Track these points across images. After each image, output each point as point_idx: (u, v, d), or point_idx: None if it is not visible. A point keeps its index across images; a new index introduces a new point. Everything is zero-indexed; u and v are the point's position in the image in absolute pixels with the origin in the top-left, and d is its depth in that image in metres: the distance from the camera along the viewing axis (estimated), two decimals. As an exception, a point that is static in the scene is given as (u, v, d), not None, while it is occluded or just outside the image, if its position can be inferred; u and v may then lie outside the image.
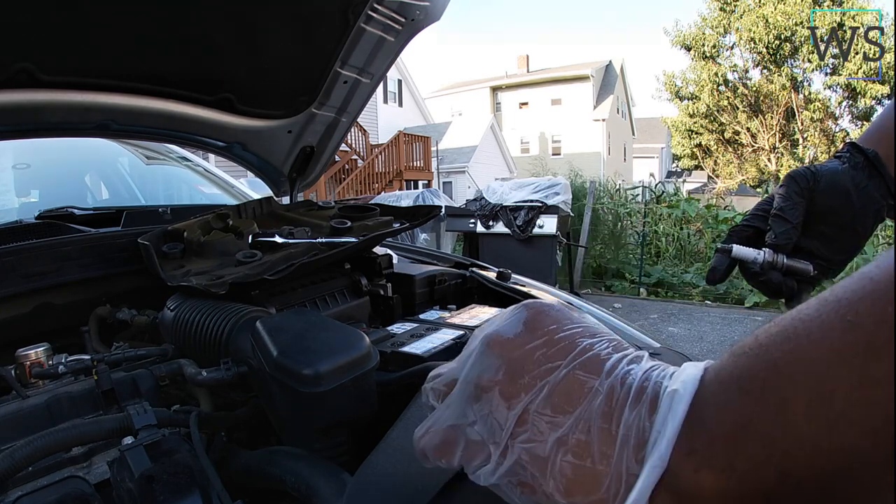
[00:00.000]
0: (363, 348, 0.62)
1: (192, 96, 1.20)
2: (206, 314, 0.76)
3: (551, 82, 26.62)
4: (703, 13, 16.54)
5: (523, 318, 0.30)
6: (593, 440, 0.24)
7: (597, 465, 0.24)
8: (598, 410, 0.25)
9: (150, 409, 0.59)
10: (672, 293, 5.80)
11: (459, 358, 0.32)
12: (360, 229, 1.04)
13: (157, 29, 1.00)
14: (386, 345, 0.80)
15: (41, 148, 1.66)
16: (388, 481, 0.45)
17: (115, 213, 1.24)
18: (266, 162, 1.49)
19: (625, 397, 0.24)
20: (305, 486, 0.52)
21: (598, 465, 0.24)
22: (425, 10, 1.18)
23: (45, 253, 0.92)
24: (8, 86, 0.93)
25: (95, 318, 0.93)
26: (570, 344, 0.28)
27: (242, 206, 1.16)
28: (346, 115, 1.40)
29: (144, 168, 2.00)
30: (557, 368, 0.27)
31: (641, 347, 0.89)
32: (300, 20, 1.12)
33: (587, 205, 6.28)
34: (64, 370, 0.72)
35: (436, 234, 6.29)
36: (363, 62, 1.26)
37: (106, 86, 1.07)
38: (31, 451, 0.51)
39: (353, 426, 0.63)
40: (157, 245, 0.96)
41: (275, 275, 0.83)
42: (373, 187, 13.19)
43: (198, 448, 0.54)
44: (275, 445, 0.62)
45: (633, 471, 0.23)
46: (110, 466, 0.55)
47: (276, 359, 0.60)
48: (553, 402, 0.26)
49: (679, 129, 18.49)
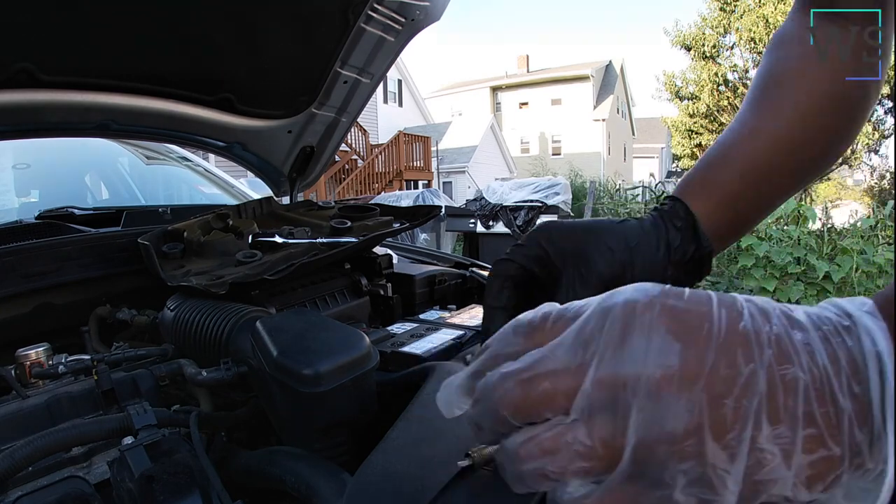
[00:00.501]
0: (363, 348, 0.62)
1: (192, 96, 1.20)
2: (206, 314, 0.76)
3: (551, 82, 26.62)
4: (703, 13, 16.54)
5: (663, 335, 0.22)
6: (822, 430, 0.22)
7: (832, 450, 0.22)
8: (813, 398, 0.22)
9: (150, 409, 0.59)
10: (672, 293, 5.80)
11: (593, 423, 0.23)
12: (360, 229, 1.04)
13: (157, 29, 1.00)
14: (386, 345, 0.80)
15: (41, 148, 1.66)
16: (388, 481, 0.45)
17: (115, 213, 1.24)
18: (266, 162, 1.49)
19: (826, 374, 0.22)
20: (305, 486, 0.52)
21: (833, 450, 0.22)
22: (425, 10, 1.18)
23: (45, 253, 0.92)
24: (8, 86, 0.93)
25: (95, 318, 0.93)
26: (733, 332, 0.22)
27: (242, 206, 1.16)
28: (346, 115, 1.40)
29: (144, 168, 2.00)
30: (753, 374, 0.22)
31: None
32: (300, 20, 1.12)
33: (587, 205, 6.29)
34: (64, 370, 0.72)
35: (436, 234, 6.29)
36: (363, 62, 1.26)
37: (106, 86, 1.07)
38: (31, 451, 0.51)
39: (353, 426, 0.62)
40: (157, 245, 0.96)
41: (275, 275, 0.83)
42: (373, 187, 13.19)
43: (198, 448, 0.54)
44: (275, 445, 0.62)
45: (858, 438, 0.21)
46: (110, 466, 0.55)
47: (276, 359, 0.60)
48: (769, 415, 0.22)
49: (679, 129, 18.49)
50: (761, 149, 0.49)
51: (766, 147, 0.49)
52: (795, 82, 0.50)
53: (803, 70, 0.50)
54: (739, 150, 0.49)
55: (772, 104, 0.50)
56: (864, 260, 5.06)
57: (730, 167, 0.49)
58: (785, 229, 5.41)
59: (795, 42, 0.52)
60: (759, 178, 0.49)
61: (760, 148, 0.49)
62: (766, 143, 0.49)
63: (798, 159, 0.50)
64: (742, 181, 0.49)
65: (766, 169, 0.49)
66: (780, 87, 0.50)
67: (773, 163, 0.49)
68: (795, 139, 0.49)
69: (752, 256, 5.16)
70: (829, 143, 0.51)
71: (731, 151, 0.50)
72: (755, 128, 0.50)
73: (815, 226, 5.48)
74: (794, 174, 0.51)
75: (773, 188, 0.51)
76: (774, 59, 0.53)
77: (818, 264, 4.94)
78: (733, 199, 0.49)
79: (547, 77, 27.06)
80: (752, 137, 0.49)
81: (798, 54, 0.51)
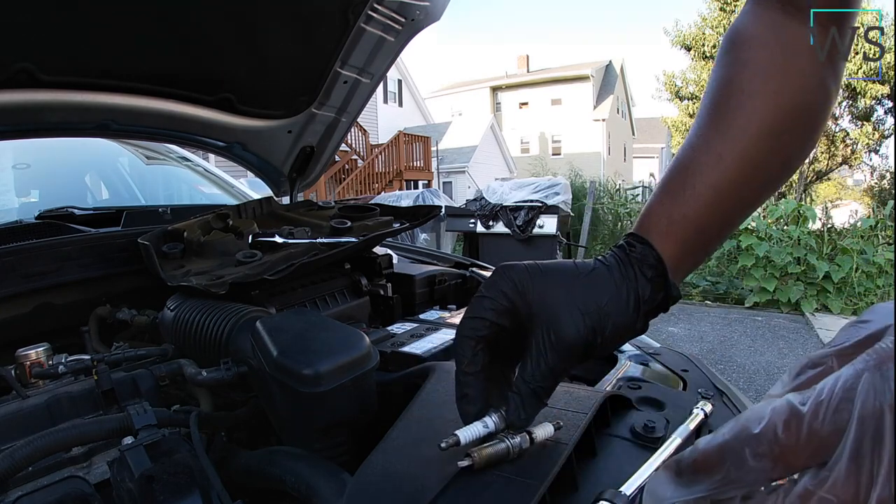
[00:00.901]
0: (363, 348, 0.62)
1: (192, 96, 1.20)
2: (206, 314, 0.76)
3: (551, 82, 26.62)
4: (703, 13, 16.52)
5: None
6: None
7: None
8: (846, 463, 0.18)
9: (150, 409, 0.59)
10: (672, 293, 5.80)
11: None
12: (360, 229, 1.04)
13: (157, 29, 1.00)
14: (386, 345, 0.80)
15: (41, 148, 1.66)
16: (388, 481, 0.45)
17: (115, 213, 1.24)
18: (266, 162, 1.49)
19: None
20: (305, 486, 0.52)
21: None
22: (425, 10, 1.18)
23: (45, 253, 0.92)
24: (8, 86, 0.93)
25: (95, 318, 0.93)
26: None
27: (242, 206, 1.16)
28: (346, 115, 1.40)
29: (144, 168, 2.00)
30: None
31: (641, 347, 0.90)
32: (300, 20, 1.12)
33: (587, 205, 6.29)
34: (64, 370, 0.72)
35: (436, 234, 6.29)
36: (363, 62, 1.26)
37: (106, 86, 1.07)
38: (31, 451, 0.51)
39: (353, 426, 0.63)
40: (157, 245, 0.96)
41: (275, 275, 0.83)
42: (373, 187, 13.19)
43: (198, 448, 0.54)
44: (275, 445, 0.62)
45: None
46: (110, 466, 0.55)
47: (276, 359, 0.60)
48: None
49: (679, 129, 18.47)
50: (727, 176, 0.45)
51: (732, 172, 0.45)
52: (760, 96, 0.46)
53: (767, 82, 0.46)
54: (706, 179, 0.46)
55: (735, 122, 0.46)
56: (864, 260, 5.06)
57: (697, 200, 0.45)
58: (785, 229, 5.41)
59: (757, 46, 0.47)
60: (726, 206, 0.46)
61: (726, 174, 0.45)
62: (731, 167, 0.45)
63: (762, 181, 0.47)
64: (709, 212, 0.46)
65: (733, 196, 0.46)
66: (742, 102, 0.46)
67: (740, 188, 0.46)
68: (760, 161, 0.46)
69: (752, 256, 5.17)
70: (791, 158, 0.49)
71: (697, 180, 0.46)
72: (720, 153, 0.46)
73: (815, 226, 5.48)
74: (758, 196, 0.49)
75: (737, 213, 0.48)
76: (736, 65, 0.48)
77: (818, 264, 4.95)
78: (701, 234, 0.46)
79: (547, 77, 27.05)
80: (718, 162, 0.45)
81: (762, 61, 0.47)
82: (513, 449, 0.44)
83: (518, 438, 0.44)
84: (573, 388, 0.59)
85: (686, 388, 0.73)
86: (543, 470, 0.43)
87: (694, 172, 0.46)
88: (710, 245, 0.49)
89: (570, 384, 0.63)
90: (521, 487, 0.41)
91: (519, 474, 0.43)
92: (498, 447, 0.43)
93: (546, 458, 0.44)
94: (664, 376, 0.78)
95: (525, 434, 0.45)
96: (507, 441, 0.44)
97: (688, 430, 0.54)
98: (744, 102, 0.46)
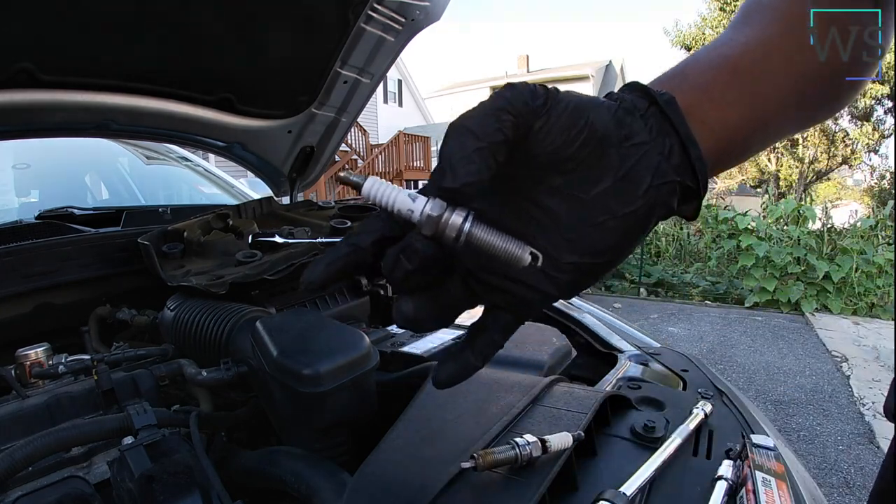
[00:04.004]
0: (363, 348, 0.62)
1: (192, 96, 1.20)
2: (206, 314, 0.76)
3: (551, 82, 26.32)
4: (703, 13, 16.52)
5: None
6: None
7: None
8: None
9: (150, 409, 0.59)
10: (672, 293, 5.81)
11: None
12: (360, 229, 1.04)
13: (157, 29, 1.00)
14: (386, 345, 0.80)
15: (41, 148, 1.66)
16: (388, 481, 0.45)
17: (115, 213, 1.24)
18: (266, 162, 1.49)
19: None
20: (305, 486, 0.52)
21: None
22: (425, 10, 1.17)
23: (45, 253, 0.92)
24: (8, 86, 0.93)
25: (95, 318, 0.93)
26: None
27: (242, 206, 1.16)
28: (346, 115, 1.40)
29: (144, 168, 2.00)
30: None
31: (641, 347, 0.90)
32: (300, 20, 1.12)
33: (587, 205, 6.29)
34: (64, 370, 0.72)
35: (436, 234, 6.28)
36: (363, 62, 1.26)
37: (106, 86, 1.07)
38: (31, 451, 0.51)
39: (353, 426, 0.63)
40: (157, 245, 0.96)
41: (275, 275, 0.83)
42: (373, 187, 13.15)
43: (198, 448, 0.54)
44: (275, 445, 0.62)
45: None
46: (110, 466, 0.55)
47: (276, 359, 0.60)
48: None
49: (679, 129, 18.45)
50: (742, 51, 0.36)
51: (749, 49, 0.36)
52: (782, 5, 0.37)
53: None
54: (715, 52, 0.36)
55: (758, 20, 0.37)
56: (864, 260, 5.05)
57: (712, 63, 0.36)
58: (785, 229, 5.40)
59: None
60: (742, 75, 0.35)
61: (741, 49, 0.36)
62: (748, 46, 0.36)
63: (796, 69, 0.36)
64: (719, 73, 0.35)
65: (750, 68, 0.35)
66: (764, 9, 0.38)
67: (761, 65, 0.35)
68: (790, 48, 0.36)
69: (752, 256, 5.16)
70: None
71: (703, 55, 0.36)
72: (732, 38, 0.37)
73: (815, 226, 5.48)
74: (790, 86, 0.36)
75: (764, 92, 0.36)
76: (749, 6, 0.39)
77: (818, 264, 4.94)
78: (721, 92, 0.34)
79: (547, 77, 27.04)
80: (731, 43, 0.36)
81: None
82: (521, 456, 0.42)
83: (529, 447, 0.42)
84: (573, 388, 0.59)
85: (686, 388, 0.73)
86: (543, 470, 0.43)
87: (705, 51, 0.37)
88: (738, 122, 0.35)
89: (570, 384, 0.63)
90: (521, 487, 0.41)
91: (519, 474, 0.43)
92: (506, 454, 0.42)
93: (546, 458, 0.44)
94: (664, 376, 0.78)
95: (538, 441, 0.43)
96: (517, 449, 0.42)
97: (688, 430, 0.54)
98: (764, 12, 0.38)
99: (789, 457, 0.60)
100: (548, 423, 0.50)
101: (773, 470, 0.46)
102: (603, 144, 0.30)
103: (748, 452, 0.48)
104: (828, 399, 3.05)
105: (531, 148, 0.29)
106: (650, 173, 0.30)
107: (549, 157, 0.29)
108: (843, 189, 21.72)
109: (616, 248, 0.31)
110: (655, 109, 0.31)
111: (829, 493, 2.15)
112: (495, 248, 0.27)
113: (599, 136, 0.29)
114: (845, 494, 2.14)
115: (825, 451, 2.47)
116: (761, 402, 3.00)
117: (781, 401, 3.03)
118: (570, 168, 0.30)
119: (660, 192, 0.30)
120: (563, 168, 0.30)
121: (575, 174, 0.30)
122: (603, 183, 0.30)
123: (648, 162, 0.30)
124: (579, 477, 0.46)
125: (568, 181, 0.30)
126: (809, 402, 3.02)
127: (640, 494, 0.44)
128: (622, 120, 0.30)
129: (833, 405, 2.97)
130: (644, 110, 0.31)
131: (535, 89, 0.30)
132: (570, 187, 0.30)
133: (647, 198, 0.30)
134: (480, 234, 0.27)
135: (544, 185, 0.30)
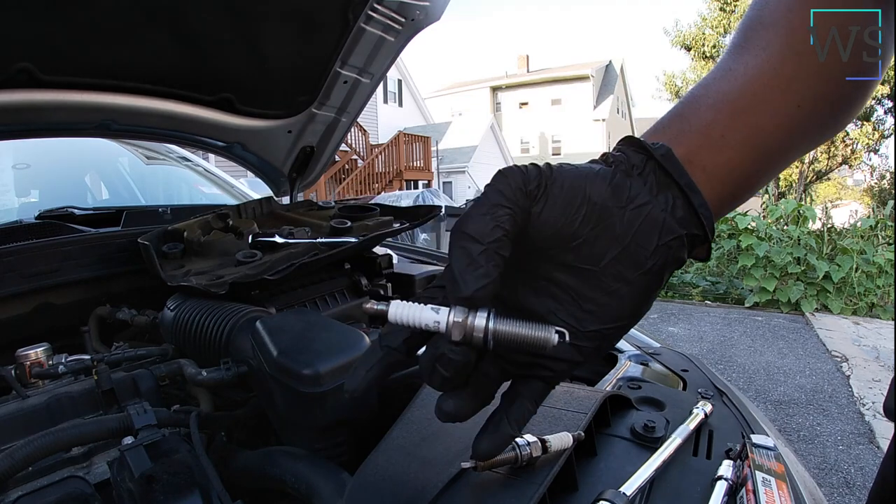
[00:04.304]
0: (363, 348, 0.62)
1: (192, 96, 1.20)
2: (206, 314, 0.76)
3: (551, 82, 26.62)
4: (703, 13, 16.53)
5: None
6: None
7: None
8: None
9: (150, 409, 0.59)
10: (672, 293, 5.80)
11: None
12: (360, 229, 1.04)
13: (157, 29, 1.00)
14: (386, 345, 0.80)
15: (41, 148, 1.66)
16: (388, 481, 0.45)
17: (115, 213, 1.24)
18: (266, 162, 1.49)
19: None
20: (305, 486, 0.52)
21: None
22: (425, 10, 1.17)
23: (45, 253, 0.92)
24: (8, 86, 0.93)
25: (95, 318, 0.93)
26: None
27: (242, 206, 1.16)
28: (346, 115, 1.40)
29: (144, 168, 2.00)
30: None
31: (641, 347, 0.90)
32: (300, 20, 1.12)
33: (587, 205, 6.28)
34: (64, 370, 0.72)
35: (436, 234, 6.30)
36: (363, 62, 1.26)
37: (106, 86, 1.07)
38: (31, 451, 0.51)
39: (353, 426, 0.63)
40: (157, 245, 0.96)
41: (275, 275, 0.83)
42: (373, 187, 13.19)
43: (198, 448, 0.54)
44: (275, 445, 0.62)
45: None
46: (110, 466, 0.55)
47: (276, 359, 0.60)
48: None
49: (679, 129, 18.44)
50: (742, 84, 0.35)
51: (748, 81, 0.35)
52: (784, 22, 0.36)
53: (791, 7, 0.36)
54: (713, 89, 0.36)
55: (753, 44, 0.36)
56: (864, 260, 5.05)
57: (704, 104, 0.36)
58: (785, 229, 5.41)
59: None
60: (742, 113, 0.35)
61: (740, 83, 0.35)
62: (747, 78, 0.36)
63: (797, 97, 0.35)
64: (718, 114, 0.35)
65: (750, 103, 0.35)
66: (761, 32, 0.37)
67: (760, 97, 0.35)
68: (790, 73, 0.35)
69: (752, 256, 5.16)
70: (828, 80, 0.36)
71: (702, 93, 0.37)
72: (730, 68, 0.36)
73: (815, 226, 5.48)
74: (791, 115, 0.36)
75: (765, 126, 0.35)
76: (752, 15, 0.38)
77: (818, 264, 4.94)
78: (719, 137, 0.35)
79: (547, 77, 27.05)
80: (730, 76, 0.36)
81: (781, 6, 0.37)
82: (521, 456, 0.42)
83: (529, 447, 0.42)
84: (573, 388, 0.59)
85: (686, 388, 0.73)
86: (543, 470, 0.43)
87: (703, 87, 0.37)
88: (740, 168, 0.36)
89: (570, 384, 0.63)
90: (521, 487, 0.41)
91: (519, 474, 0.43)
92: (506, 454, 0.42)
93: (546, 458, 0.44)
94: (664, 376, 0.78)
95: (538, 441, 0.43)
96: (517, 449, 0.42)
97: (688, 430, 0.54)
98: (765, 31, 0.37)
99: (789, 457, 0.60)
100: (548, 423, 0.50)
101: (773, 470, 0.46)
102: (604, 215, 0.30)
103: (748, 452, 0.48)
104: (828, 399, 3.05)
105: (534, 231, 0.30)
106: (657, 232, 0.31)
107: (553, 237, 0.30)
108: (843, 189, 21.71)
109: (634, 309, 0.32)
110: (653, 165, 0.32)
111: (829, 493, 2.15)
112: (523, 336, 0.29)
113: (599, 208, 0.30)
114: (845, 494, 2.14)
115: (825, 451, 2.47)
116: (761, 402, 3.00)
117: (781, 401, 3.03)
118: (576, 244, 0.31)
119: (669, 248, 0.31)
120: (569, 244, 0.31)
121: (582, 249, 0.31)
122: (611, 252, 0.31)
123: (653, 221, 0.31)
124: (579, 477, 0.46)
125: (577, 256, 0.31)
126: (809, 402, 3.02)
127: (640, 494, 0.44)
128: (620, 185, 0.31)
129: (833, 405, 2.97)
130: (642, 167, 0.32)
131: (528, 172, 0.30)
132: (580, 261, 0.31)
133: (657, 257, 0.31)
134: (506, 328, 0.29)
135: (556, 262, 0.31)
